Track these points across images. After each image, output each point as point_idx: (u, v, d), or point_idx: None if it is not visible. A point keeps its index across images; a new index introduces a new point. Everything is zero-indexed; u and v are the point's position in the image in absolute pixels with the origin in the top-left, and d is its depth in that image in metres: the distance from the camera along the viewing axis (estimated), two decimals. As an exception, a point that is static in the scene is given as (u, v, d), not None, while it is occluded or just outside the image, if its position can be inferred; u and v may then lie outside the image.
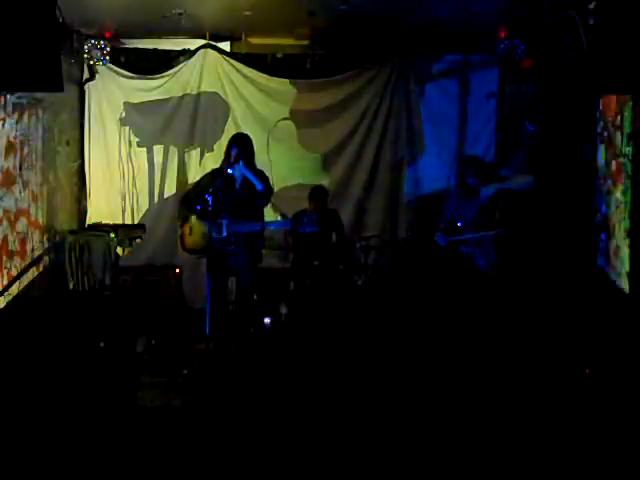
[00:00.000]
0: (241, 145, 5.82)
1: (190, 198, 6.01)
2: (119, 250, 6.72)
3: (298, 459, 4.15)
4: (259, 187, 5.78)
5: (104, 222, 7.19)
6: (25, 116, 5.90)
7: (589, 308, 5.61)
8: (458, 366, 5.57)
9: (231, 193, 5.84)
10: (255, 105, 7.64)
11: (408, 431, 4.50)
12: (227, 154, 5.88)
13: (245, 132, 6.36)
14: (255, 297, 6.27)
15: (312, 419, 4.73)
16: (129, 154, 7.65)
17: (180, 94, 7.60)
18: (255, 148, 6.05)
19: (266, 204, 6.02)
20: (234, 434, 4.46)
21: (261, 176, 5.86)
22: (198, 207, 5.84)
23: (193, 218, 5.88)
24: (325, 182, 7.59)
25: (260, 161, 6.23)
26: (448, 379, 5.38)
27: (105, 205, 7.66)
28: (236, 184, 5.88)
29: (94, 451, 4.12)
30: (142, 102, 7.60)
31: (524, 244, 5.90)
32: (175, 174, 7.71)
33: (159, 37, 7.44)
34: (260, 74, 7.58)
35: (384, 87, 7.63)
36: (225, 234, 5.77)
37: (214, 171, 6.04)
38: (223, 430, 4.52)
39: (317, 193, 6.95)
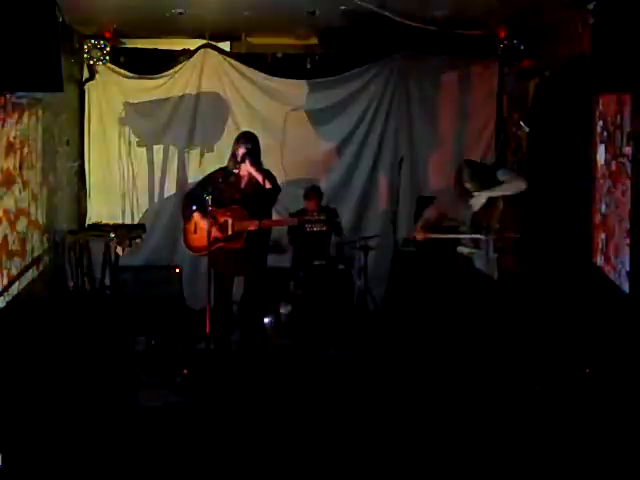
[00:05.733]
0: (247, 143, 5.81)
1: (193, 195, 5.98)
2: (119, 250, 6.72)
3: (298, 459, 4.15)
4: (266, 186, 5.77)
5: (104, 222, 7.19)
6: (25, 116, 5.89)
7: (589, 308, 5.61)
8: (458, 365, 5.57)
9: (237, 191, 5.83)
10: (255, 105, 7.64)
11: (408, 431, 4.50)
12: (233, 152, 5.87)
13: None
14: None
15: (312, 419, 4.73)
16: (129, 154, 7.65)
17: (180, 94, 7.60)
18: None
19: (273, 203, 6.01)
20: (234, 434, 4.46)
21: (268, 175, 5.85)
22: (194, 207, 5.83)
23: (197, 216, 5.83)
24: (325, 181, 7.59)
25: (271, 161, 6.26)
26: (447, 378, 5.38)
27: (105, 205, 7.66)
28: (242, 182, 5.88)
29: (94, 451, 4.12)
30: (142, 102, 7.60)
31: (524, 244, 5.89)
32: (175, 174, 7.71)
33: (159, 37, 7.45)
34: (260, 74, 7.59)
35: (384, 87, 7.63)
36: (230, 233, 5.75)
37: (220, 170, 6.03)
38: (223, 430, 4.52)
39: (314, 192, 6.98)
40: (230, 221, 5.73)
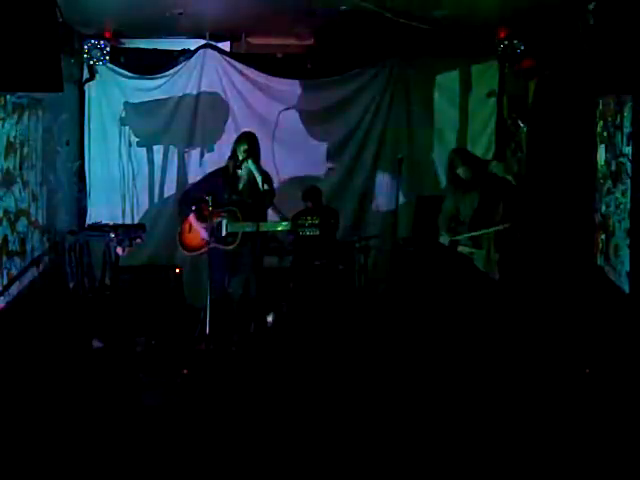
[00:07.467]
0: (248, 144, 5.82)
1: (190, 196, 5.99)
2: (119, 250, 6.72)
3: (297, 459, 4.15)
4: (263, 187, 5.77)
5: (104, 222, 7.19)
6: (25, 116, 5.90)
7: (589, 308, 5.62)
8: (458, 366, 5.57)
9: (234, 193, 5.83)
10: (255, 105, 7.64)
11: (408, 432, 4.50)
12: (234, 153, 5.87)
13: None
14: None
15: (311, 419, 4.73)
16: (129, 154, 7.65)
17: (180, 94, 7.60)
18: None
19: (269, 205, 6.01)
20: (234, 434, 4.46)
21: (266, 177, 5.86)
22: (193, 207, 5.83)
23: (192, 216, 5.85)
24: (325, 182, 7.59)
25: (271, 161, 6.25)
26: (448, 378, 5.38)
27: (105, 205, 7.66)
28: (240, 184, 5.87)
29: (94, 450, 4.12)
30: (142, 102, 7.60)
31: (524, 244, 5.90)
32: (175, 174, 7.71)
33: (159, 37, 7.45)
34: (260, 74, 7.59)
35: (384, 87, 7.64)
36: (224, 234, 5.76)
37: (218, 170, 6.03)
38: (223, 430, 4.52)
39: (312, 193, 6.98)
40: (225, 222, 5.74)
